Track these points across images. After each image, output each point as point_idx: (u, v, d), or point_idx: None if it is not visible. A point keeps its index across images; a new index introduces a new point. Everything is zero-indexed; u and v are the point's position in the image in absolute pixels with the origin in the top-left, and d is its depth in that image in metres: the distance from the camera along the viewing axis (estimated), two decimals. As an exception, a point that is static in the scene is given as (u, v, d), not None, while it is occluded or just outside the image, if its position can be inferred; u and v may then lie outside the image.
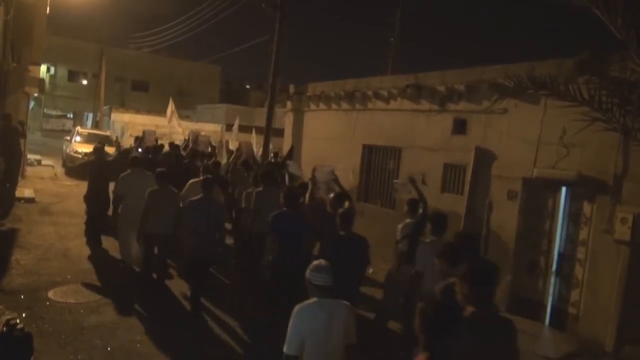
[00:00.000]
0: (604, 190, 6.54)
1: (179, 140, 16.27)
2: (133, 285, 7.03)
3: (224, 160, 11.12)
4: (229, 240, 8.54)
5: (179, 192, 7.18)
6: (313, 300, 3.19)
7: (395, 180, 8.62)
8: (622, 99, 5.42)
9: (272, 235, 5.61)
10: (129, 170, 8.03)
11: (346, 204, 6.25)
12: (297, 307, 3.20)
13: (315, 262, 3.30)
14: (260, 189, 7.22)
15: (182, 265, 7.32)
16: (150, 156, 9.97)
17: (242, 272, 7.63)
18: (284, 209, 5.79)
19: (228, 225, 8.51)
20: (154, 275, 6.96)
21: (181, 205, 6.83)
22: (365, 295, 6.71)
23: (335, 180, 7.52)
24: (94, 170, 9.05)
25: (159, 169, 7.26)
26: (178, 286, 7.07)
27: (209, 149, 12.35)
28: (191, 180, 7.71)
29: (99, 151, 9.31)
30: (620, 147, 6.33)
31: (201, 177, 7.09)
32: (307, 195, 7.03)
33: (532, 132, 7.45)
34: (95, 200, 8.82)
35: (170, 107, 15.41)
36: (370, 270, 9.13)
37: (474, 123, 8.44)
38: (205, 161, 9.84)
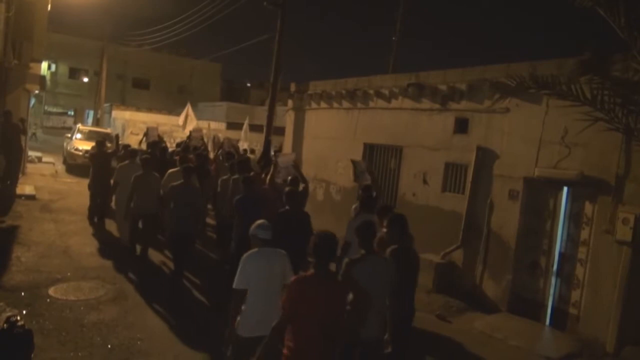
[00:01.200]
0: (606, 190, 6.53)
1: (180, 137, 16.51)
2: (133, 283, 7.03)
3: (212, 154, 12.06)
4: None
5: (160, 177, 8.19)
6: (256, 250, 4.11)
7: (353, 161, 9.34)
8: (625, 99, 5.41)
9: (236, 215, 6.50)
10: (127, 161, 9.02)
11: (301, 186, 7.52)
12: (244, 255, 4.09)
13: (259, 222, 4.23)
14: (236, 176, 7.84)
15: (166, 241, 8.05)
16: (148, 150, 10.67)
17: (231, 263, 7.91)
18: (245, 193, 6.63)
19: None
20: (138, 248, 8.03)
21: (162, 191, 7.82)
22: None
23: (295, 165, 8.61)
24: (96, 162, 10.32)
25: (144, 156, 8.41)
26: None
27: (201, 143, 13.24)
28: (170, 170, 8.42)
29: (100, 145, 10.63)
30: (622, 147, 6.32)
31: (178, 167, 8.11)
32: (269, 177, 8.13)
33: (533, 132, 7.43)
34: (97, 187, 10.04)
35: (186, 111, 15.74)
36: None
37: (475, 122, 8.43)
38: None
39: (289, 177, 7.79)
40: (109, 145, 12.94)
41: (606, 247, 6.44)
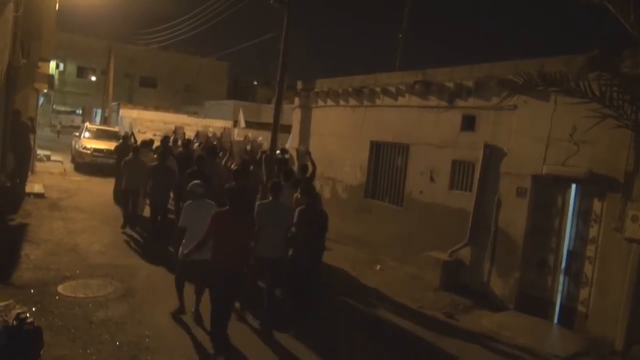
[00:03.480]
0: (615, 187, 6.48)
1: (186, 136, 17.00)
2: (141, 280, 7.07)
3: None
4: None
5: (145, 162, 10.09)
6: (192, 201, 5.88)
7: (296, 148, 11.37)
8: (634, 95, 5.38)
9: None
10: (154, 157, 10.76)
11: (251, 167, 9.49)
12: (185, 204, 5.96)
13: (195, 182, 6.01)
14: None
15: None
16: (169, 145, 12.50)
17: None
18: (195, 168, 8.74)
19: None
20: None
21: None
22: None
23: (247, 152, 10.77)
24: (121, 152, 12.27)
25: (133, 145, 10.79)
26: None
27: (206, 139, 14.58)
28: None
29: (125, 139, 13.49)
30: (631, 144, 6.26)
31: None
32: (224, 161, 10.13)
33: (541, 129, 7.38)
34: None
35: (240, 117, 16.76)
36: (378, 267, 9.16)
37: (482, 120, 8.38)
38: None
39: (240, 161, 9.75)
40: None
41: (615, 244, 6.39)
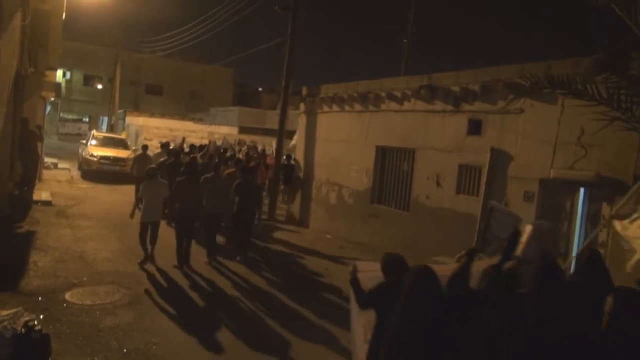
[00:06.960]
0: (624, 191, 6.39)
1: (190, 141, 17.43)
2: (148, 287, 7.07)
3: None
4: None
5: (150, 157, 12.82)
6: (149, 180, 7.98)
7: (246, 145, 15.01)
8: (643, 98, 5.31)
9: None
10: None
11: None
12: (143, 183, 8.14)
13: (152, 166, 8.77)
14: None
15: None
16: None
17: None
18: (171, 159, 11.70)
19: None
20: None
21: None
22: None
23: (220, 152, 13.64)
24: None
25: (144, 144, 13.98)
26: (184, 281, 7.11)
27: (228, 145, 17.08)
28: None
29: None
30: (640, 147, 6.21)
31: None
32: (200, 156, 12.34)
33: (549, 133, 7.34)
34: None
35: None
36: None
37: (489, 124, 8.35)
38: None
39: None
40: (125, 155, 17.51)
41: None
